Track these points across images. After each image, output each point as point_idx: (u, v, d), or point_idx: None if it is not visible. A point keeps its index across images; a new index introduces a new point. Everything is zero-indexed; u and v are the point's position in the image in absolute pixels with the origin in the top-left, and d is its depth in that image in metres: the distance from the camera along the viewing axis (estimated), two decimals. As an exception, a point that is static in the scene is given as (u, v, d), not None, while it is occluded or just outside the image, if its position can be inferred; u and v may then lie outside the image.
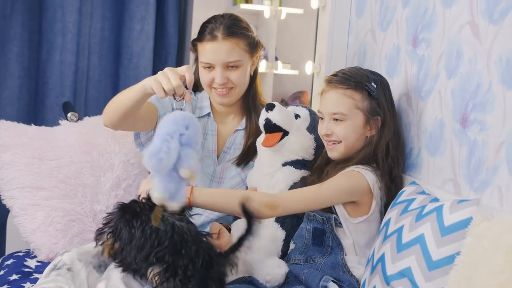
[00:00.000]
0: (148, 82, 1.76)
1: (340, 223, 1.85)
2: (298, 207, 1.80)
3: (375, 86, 1.89)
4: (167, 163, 1.45)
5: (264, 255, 1.87)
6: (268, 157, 2.02)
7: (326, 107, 1.91)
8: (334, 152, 1.92)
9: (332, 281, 1.74)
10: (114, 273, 1.75)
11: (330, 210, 1.87)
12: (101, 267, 1.83)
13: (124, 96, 1.88)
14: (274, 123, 1.97)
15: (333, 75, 1.95)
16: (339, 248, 1.84)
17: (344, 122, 1.88)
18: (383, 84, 1.92)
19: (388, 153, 1.88)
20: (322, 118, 1.94)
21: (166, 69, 1.74)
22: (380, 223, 1.84)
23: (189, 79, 1.77)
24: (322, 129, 1.93)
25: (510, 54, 1.50)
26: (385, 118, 1.90)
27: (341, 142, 1.89)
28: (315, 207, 1.83)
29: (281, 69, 3.75)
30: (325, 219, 1.85)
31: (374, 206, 1.83)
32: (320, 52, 2.62)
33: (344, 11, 2.53)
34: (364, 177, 1.81)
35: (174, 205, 1.52)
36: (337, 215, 1.85)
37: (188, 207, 1.66)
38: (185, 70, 1.76)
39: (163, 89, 1.69)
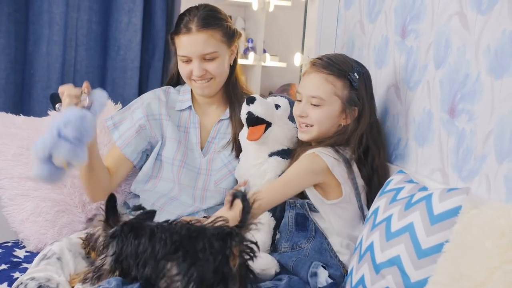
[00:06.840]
0: None
1: (315, 208, 1.86)
2: (272, 197, 1.79)
3: (357, 76, 1.90)
4: (39, 150, 1.66)
5: (261, 247, 1.85)
6: (254, 149, 2.02)
7: (306, 88, 1.92)
8: (305, 134, 1.93)
9: (322, 266, 1.75)
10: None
11: (303, 196, 1.89)
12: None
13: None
14: (257, 116, 1.97)
15: (319, 58, 1.95)
16: (321, 231, 1.86)
17: (320, 107, 1.89)
18: (365, 76, 1.93)
19: (361, 144, 1.89)
20: (299, 100, 1.94)
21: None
22: (358, 209, 1.87)
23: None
24: (297, 110, 1.94)
25: (498, 44, 1.51)
26: (362, 110, 1.90)
27: (313, 126, 1.91)
28: (288, 194, 1.83)
29: (269, 61, 3.75)
30: (299, 205, 1.88)
31: (346, 189, 1.84)
32: (309, 44, 2.62)
33: (333, 3, 2.54)
34: (322, 158, 1.82)
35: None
36: (309, 199, 1.86)
37: None
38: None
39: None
